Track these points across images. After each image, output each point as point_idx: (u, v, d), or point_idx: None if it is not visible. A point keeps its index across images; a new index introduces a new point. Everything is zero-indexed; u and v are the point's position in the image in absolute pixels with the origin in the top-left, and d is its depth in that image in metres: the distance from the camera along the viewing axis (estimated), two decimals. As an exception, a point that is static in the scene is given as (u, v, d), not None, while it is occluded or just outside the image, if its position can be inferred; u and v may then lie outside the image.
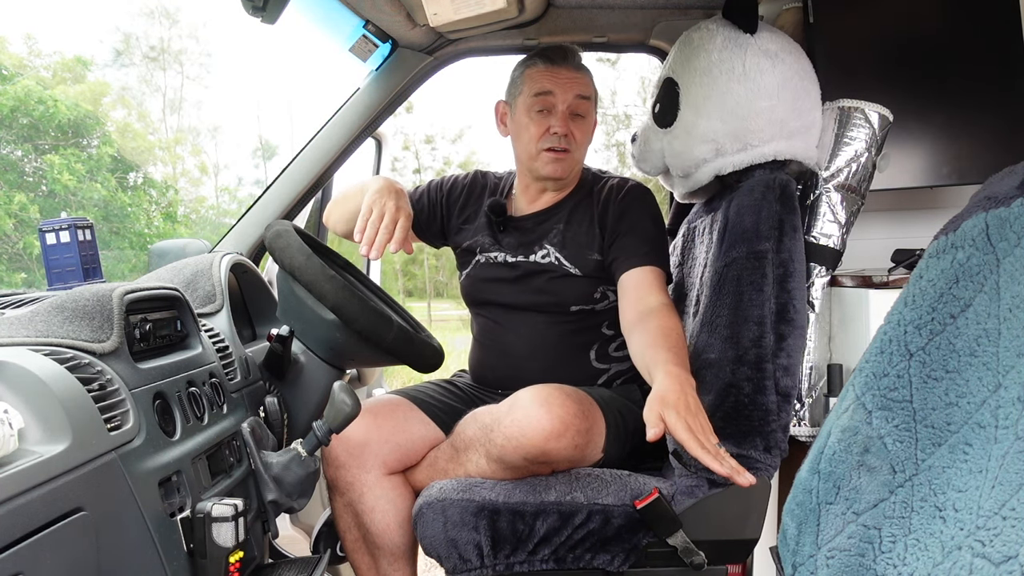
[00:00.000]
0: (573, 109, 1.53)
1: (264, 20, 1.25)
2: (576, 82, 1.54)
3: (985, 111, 1.67)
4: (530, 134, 1.54)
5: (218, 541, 0.95)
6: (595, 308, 1.56)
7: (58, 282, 1.46)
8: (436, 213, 1.72)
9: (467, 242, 1.67)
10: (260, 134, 18.90)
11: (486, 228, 1.65)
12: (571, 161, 1.55)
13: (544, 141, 1.53)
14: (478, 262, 1.64)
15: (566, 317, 1.56)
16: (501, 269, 1.60)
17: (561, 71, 1.53)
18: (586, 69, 1.58)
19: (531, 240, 1.59)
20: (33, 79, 10.59)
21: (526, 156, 1.57)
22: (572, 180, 1.63)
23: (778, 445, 1.35)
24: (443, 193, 1.72)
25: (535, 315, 1.57)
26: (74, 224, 1.47)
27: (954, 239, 0.76)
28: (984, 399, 0.70)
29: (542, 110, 1.53)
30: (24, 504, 0.68)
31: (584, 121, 1.56)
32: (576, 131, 1.54)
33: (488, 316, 1.63)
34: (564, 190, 1.63)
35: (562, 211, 1.60)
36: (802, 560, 0.85)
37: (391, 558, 1.47)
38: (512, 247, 1.60)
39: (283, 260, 1.33)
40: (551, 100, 1.52)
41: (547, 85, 1.52)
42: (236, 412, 1.19)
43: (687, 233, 1.72)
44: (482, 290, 1.63)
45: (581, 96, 1.53)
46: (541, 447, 1.27)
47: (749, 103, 1.45)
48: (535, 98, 1.53)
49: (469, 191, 1.71)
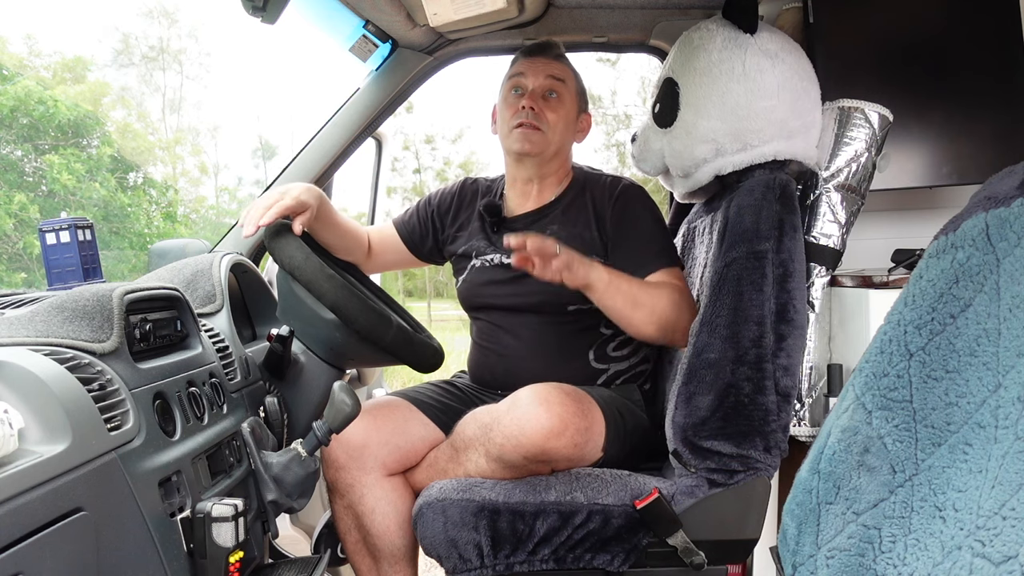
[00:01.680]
0: (545, 88, 1.56)
1: (264, 20, 1.25)
2: (549, 66, 1.58)
3: (985, 111, 1.67)
4: (504, 117, 1.59)
5: (218, 541, 0.95)
6: (592, 307, 1.55)
7: (58, 282, 1.46)
8: (428, 229, 1.72)
9: (462, 248, 1.67)
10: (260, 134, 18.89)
11: (480, 232, 1.65)
12: (542, 139, 1.55)
13: (515, 118, 1.56)
14: (474, 267, 1.63)
15: (564, 317, 1.55)
16: (497, 271, 1.60)
17: (537, 60, 1.59)
18: (564, 59, 1.61)
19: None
20: (33, 79, 10.59)
21: (502, 137, 1.61)
22: (561, 176, 1.63)
23: (778, 445, 1.35)
24: (432, 207, 1.73)
25: (533, 316, 1.56)
26: (74, 224, 1.47)
27: (954, 239, 0.76)
28: (984, 399, 0.70)
29: (514, 90, 1.59)
30: (24, 504, 0.68)
31: (558, 103, 1.57)
32: (548, 111, 1.56)
33: (486, 319, 1.63)
34: (551, 184, 1.62)
35: (555, 210, 1.61)
36: (802, 560, 0.85)
37: (392, 560, 1.47)
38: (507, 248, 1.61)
39: (282, 260, 1.33)
40: (523, 81, 1.58)
41: (518, 69, 1.59)
42: (236, 412, 1.19)
43: (687, 233, 1.72)
44: (479, 294, 1.62)
45: (553, 77, 1.56)
46: (541, 446, 1.27)
47: (749, 103, 1.45)
48: (509, 81, 1.60)
49: (459, 199, 1.72)
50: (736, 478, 1.35)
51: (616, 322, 1.43)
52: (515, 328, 1.58)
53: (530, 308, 1.56)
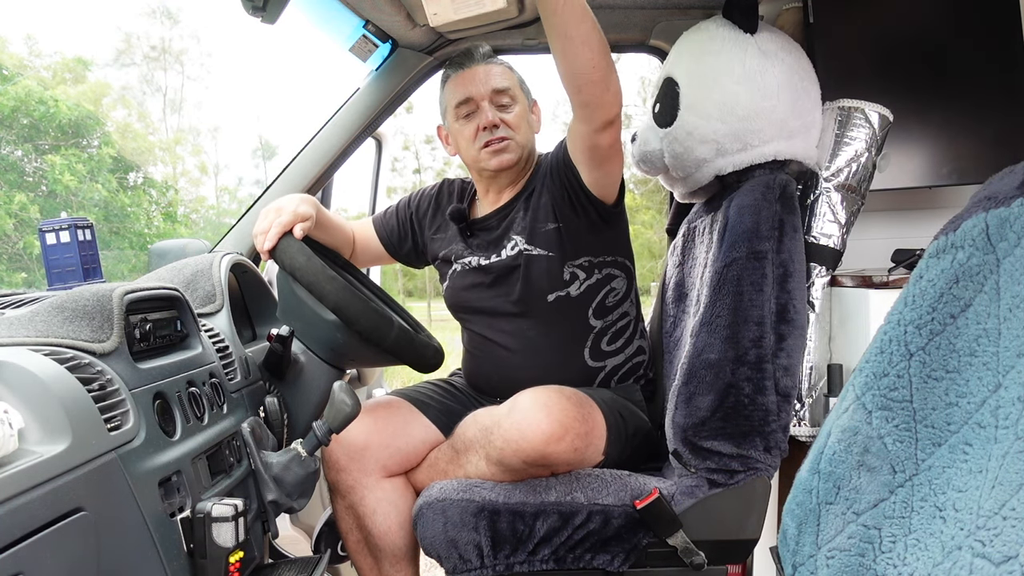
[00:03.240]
0: (495, 101, 1.56)
1: (264, 20, 1.25)
2: (488, 75, 1.57)
3: (985, 111, 1.67)
4: (465, 139, 1.58)
5: (218, 541, 0.95)
6: (570, 293, 1.54)
7: (58, 282, 1.46)
8: (407, 230, 1.73)
9: (443, 252, 1.67)
10: (260, 134, 18.90)
11: (458, 236, 1.65)
12: (514, 147, 1.56)
13: (479, 139, 1.56)
14: (455, 271, 1.64)
15: (547, 313, 1.54)
16: (476, 274, 1.60)
17: (471, 71, 1.57)
18: (497, 60, 1.61)
19: (498, 236, 1.60)
20: (34, 79, 10.59)
21: (472, 160, 1.60)
22: (527, 168, 1.63)
23: (778, 445, 1.35)
24: (412, 209, 1.74)
25: (518, 320, 1.55)
26: (74, 224, 1.47)
27: (954, 239, 0.76)
28: (984, 399, 0.70)
29: (468, 115, 1.57)
30: (24, 504, 0.68)
31: (512, 108, 1.57)
32: (507, 117, 1.56)
33: (474, 327, 1.62)
34: (520, 181, 1.62)
35: (520, 200, 1.61)
36: (802, 560, 0.85)
37: (393, 560, 1.47)
38: (482, 248, 1.61)
39: (283, 261, 1.33)
40: (472, 104, 1.56)
41: (462, 92, 1.57)
42: (236, 412, 1.19)
43: (687, 233, 1.72)
44: (463, 299, 1.63)
45: (498, 89, 1.56)
46: (540, 451, 1.27)
47: (749, 103, 1.45)
48: (457, 108, 1.58)
49: (437, 201, 1.73)
50: (736, 478, 1.35)
51: (571, 36, 1.25)
52: (503, 334, 1.57)
53: (514, 310, 1.55)
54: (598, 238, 1.54)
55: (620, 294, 1.58)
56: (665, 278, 1.77)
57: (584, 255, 1.54)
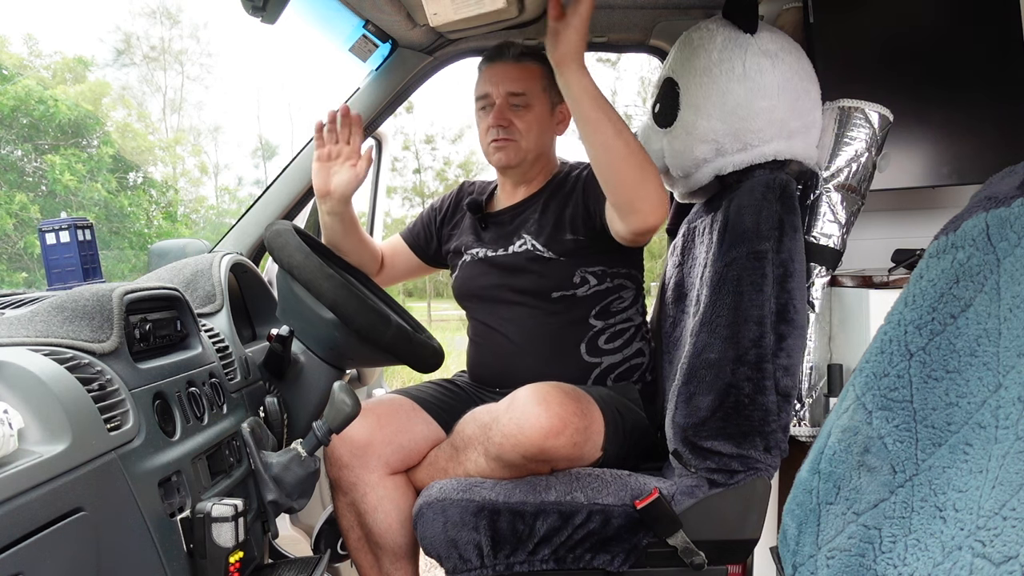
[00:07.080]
0: (509, 102, 1.60)
1: (264, 20, 1.25)
2: (508, 77, 1.60)
3: (985, 111, 1.67)
4: (481, 130, 1.66)
5: (218, 541, 0.95)
6: (576, 294, 1.57)
7: (58, 282, 1.46)
8: (432, 232, 1.81)
9: (454, 244, 1.74)
10: (260, 134, 18.90)
11: (470, 229, 1.72)
12: (516, 149, 1.61)
13: (488, 135, 1.62)
14: (464, 262, 1.69)
15: (549, 306, 1.57)
16: (483, 265, 1.65)
17: (496, 68, 1.62)
18: (527, 57, 1.63)
19: (509, 232, 1.64)
20: (33, 79, 10.60)
21: (484, 152, 1.67)
22: (543, 171, 1.68)
23: (778, 445, 1.35)
24: (435, 212, 1.83)
25: (519, 308, 1.59)
26: (74, 224, 1.47)
27: (954, 239, 0.76)
28: (984, 399, 0.70)
29: (484, 108, 1.64)
30: (24, 504, 0.68)
31: (526, 111, 1.60)
32: (517, 120, 1.60)
33: (477, 315, 1.67)
34: (535, 181, 1.68)
35: (537, 201, 1.65)
36: (802, 560, 0.85)
37: (393, 557, 1.47)
38: (492, 242, 1.66)
39: (281, 259, 1.33)
40: (489, 99, 1.62)
41: (483, 87, 1.63)
42: (236, 412, 1.19)
43: (687, 233, 1.72)
44: (469, 287, 1.67)
45: (513, 92, 1.60)
46: (539, 445, 1.28)
47: (749, 103, 1.45)
48: (477, 102, 1.65)
49: (456, 201, 1.81)
50: (736, 478, 1.35)
51: (591, 142, 1.33)
52: (504, 322, 1.60)
53: (516, 299, 1.59)
54: (617, 253, 1.57)
55: (627, 303, 1.62)
56: (665, 278, 1.77)
57: (600, 264, 1.58)
